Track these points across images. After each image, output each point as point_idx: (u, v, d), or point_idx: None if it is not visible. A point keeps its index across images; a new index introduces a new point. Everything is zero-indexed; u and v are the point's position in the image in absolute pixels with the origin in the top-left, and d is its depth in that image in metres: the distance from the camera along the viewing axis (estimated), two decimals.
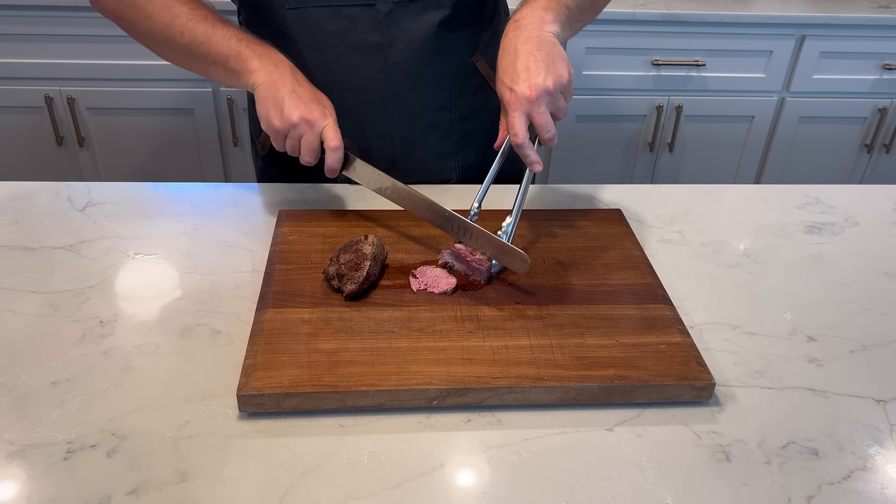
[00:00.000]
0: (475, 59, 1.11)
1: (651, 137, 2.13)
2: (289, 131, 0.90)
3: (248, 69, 0.92)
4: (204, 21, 0.94)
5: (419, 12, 1.03)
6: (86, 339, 0.79)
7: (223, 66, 0.94)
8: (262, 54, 0.93)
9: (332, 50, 1.04)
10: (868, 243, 1.02)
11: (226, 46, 0.93)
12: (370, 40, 1.03)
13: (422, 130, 1.12)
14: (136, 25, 0.97)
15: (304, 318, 0.79)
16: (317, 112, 0.89)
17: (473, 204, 0.89)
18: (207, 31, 0.93)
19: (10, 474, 0.64)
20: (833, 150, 2.20)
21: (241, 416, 0.70)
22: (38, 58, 1.93)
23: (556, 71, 0.82)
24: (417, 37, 1.04)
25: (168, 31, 0.95)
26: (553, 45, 0.85)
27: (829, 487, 0.66)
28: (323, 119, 0.89)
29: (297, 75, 0.92)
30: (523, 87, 0.82)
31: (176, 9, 0.94)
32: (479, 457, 0.67)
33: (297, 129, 0.89)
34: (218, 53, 0.93)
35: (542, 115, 0.82)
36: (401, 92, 1.07)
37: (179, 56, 0.98)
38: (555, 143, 0.85)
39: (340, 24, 1.02)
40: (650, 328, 0.79)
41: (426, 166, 1.14)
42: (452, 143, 1.14)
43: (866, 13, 1.98)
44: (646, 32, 1.97)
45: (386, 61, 1.05)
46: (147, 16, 0.95)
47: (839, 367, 0.79)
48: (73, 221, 0.99)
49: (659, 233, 1.02)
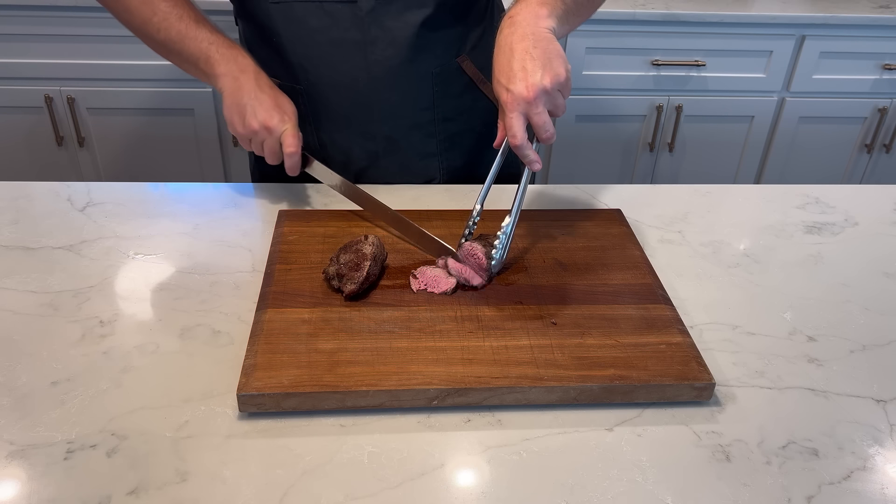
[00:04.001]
0: (461, 59, 1.10)
1: (651, 137, 2.13)
2: (251, 137, 0.96)
3: (215, 73, 0.97)
4: (179, 20, 0.97)
5: (401, 11, 1.02)
6: (86, 339, 0.79)
7: (194, 66, 0.99)
8: (230, 58, 0.97)
9: (315, 46, 1.04)
10: (868, 243, 1.02)
11: (196, 48, 0.97)
12: (351, 38, 1.03)
13: (404, 130, 1.11)
14: (119, 16, 1.02)
15: (304, 318, 0.79)
16: (276, 119, 0.95)
17: (476, 205, 0.89)
18: (181, 31, 0.97)
19: (10, 474, 0.64)
20: (833, 150, 2.20)
21: (241, 416, 0.70)
22: (38, 58, 1.93)
23: (553, 69, 0.80)
24: (399, 35, 1.03)
25: (145, 27, 0.99)
26: (549, 42, 0.82)
27: (829, 487, 0.66)
28: (281, 125, 0.95)
29: (260, 80, 0.97)
30: (520, 87, 0.80)
31: (155, 4, 0.98)
32: (479, 457, 0.67)
33: (257, 135, 0.96)
34: (189, 54, 0.98)
35: (540, 115, 0.81)
36: (383, 91, 1.07)
37: (158, 50, 1.02)
38: (553, 140, 0.84)
39: (323, 21, 1.02)
40: (650, 328, 0.79)
41: (409, 165, 1.14)
42: (436, 144, 1.14)
43: (866, 13, 1.98)
44: (646, 32, 1.97)
45: (367, 59, 1.04)
46: (126, 8, 1.00)
47: (839, 367, 0.79)
48: (73, 221, 0.99)
49: (659, 233, 1.02)
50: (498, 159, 0.88)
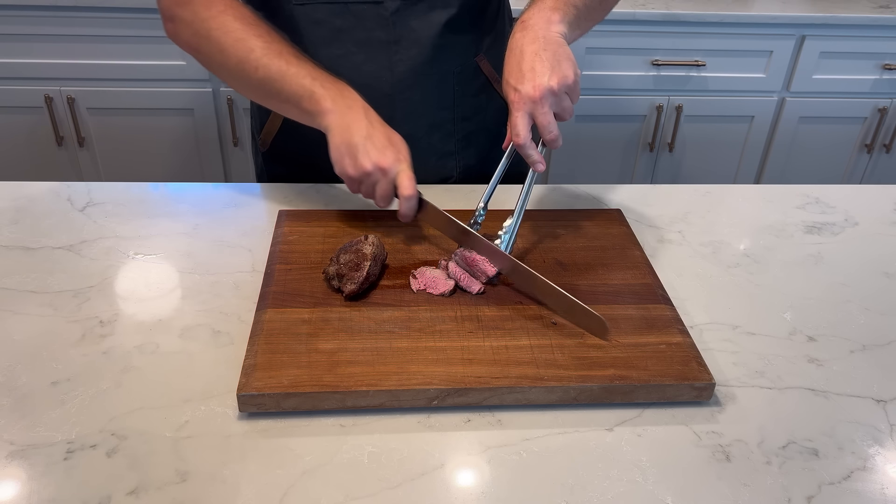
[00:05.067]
0: (479, 59, 1.11)
1: (651, 137, 2.13)
2: (363, 179, 0.88)
3: (320, 110, 0.89)
4: (278, 57, 0.91)
5: (426, 11, 1.03)
6: (86, 339, 0.79)
7: (296, 105, 0.91)
8: (336, 95, 0.89)
9: (339, 46, 1.04)
10: (868, 243, 1.02)
11: (299, 86, 0.90)
12: (376, 38, 1.03)
13: (425, 129, 1.12)
14: (211, 58, 0.95)
15: (304, 318, 0.79)
16: (390, 158, 0.87)
17: (479, 205, 0.89)
18: (282, 68, 0.90)
19: (10, 474, 0.64)
20: (833, 150, 2.20)
21: (241, 416, 0.70)
22: (38, 58, 1.93)
23: (561, 71, 0.82)
24: (423, 35, 1.04)
25: (242, 67, 0.92)
26: (559, 46, 0.85)
27: (829, 487, 0.66)
28: (397, 165, 0.87)
29: (370, 117, 0.89)
30: (527, 87, 0.82)
31: (251, 42, 0.91)
32: (479, 457, 0.67)
33: (370, 177, 0.87)
34: (291, 92, 0.91)
35: (545, 116, 0.82)
36: (405, 90, 1.07)
37: (254, 92, 0.96)
38: (559, 144, 0.84)
39: (347, 21, 1.02)
40: (650, 328, 0.79)
41: (427, 164, 1.14)
42: (454, 143, 1.15)
43: (866, 13, 1.98)
44: (646, 32, 1.97)
45: (391, 59, 1.05)
46: (221, 49, 0.92)
47: (839, 367, 0.79)
48: (73, 221, 0.99)
49: (659, 233, 1.02)
50: (504, 161, 0.89)
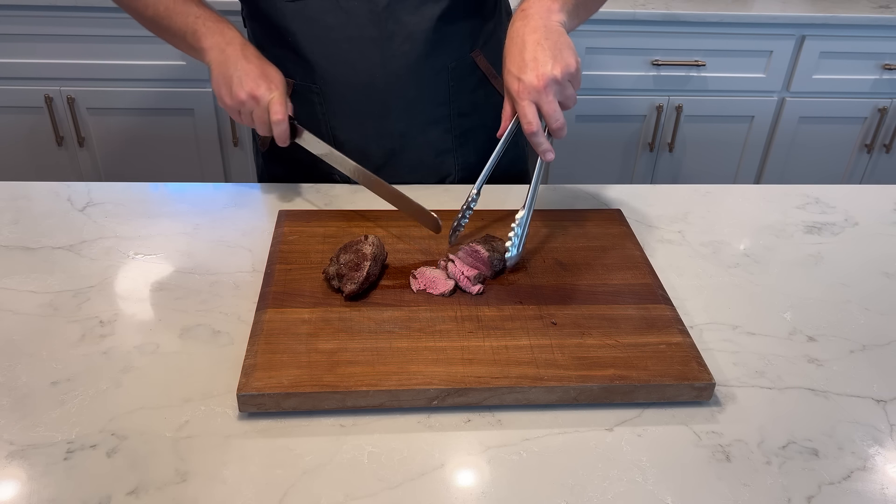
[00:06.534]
0: (475, 54, 1.11)
1: (651, 137, 2.13)
2: (239, 108, 0.96)
3: (202, 47, 0.98)
4: None
5: (417, 6, 1.03)
6: (86, 339, 0.79)
7: (182, 40, 1.00)
8: (216, 31, 0.98)
9: (331, 44, 1.04)
10: (868, 243, 1.02)
11: (183, 22, 0.99)
12: (368, 34, 1.03)
13: (420, 126, 1.12)
14: None
15: (304, 318, 0.79)
16: (262, 88, 0.94)
17: (472, 191, 0.90)
18: (168, 6, 0.99)
19: (10, 474, 0.64)
20: (833, 150, 2.20)
21: (241, 416, 0.70)
22: (38, 58, 1.93)
23: (563, 59, 0.83)
24: (416, 30, 1.04)
25: (134, 4, 1.01)
26: (560, 35, 0.85)
27: (829, 487, 0.66)
28: (268, 94, 0.95)
29: (247, 51, 0.97)
30: (531, 77, 0.82)
31: None
32: (479, 457, 0.67)
33: (245, 105, 0.95)
34: (177, 28, 0.99)
35: (551, 104, 0.83)
36: (399, 87, 1.07)
37: (148, 27, 1.04)
38: (564, 133, 0.85)
39: (339, 18, 1.02)
40: (650, 328, 0.79)
41: (425, 162, 1.14)
42: (451, 140, 1.14)
43: (866, 13, 1.98)
44: (646, 32, 1.97)
45: (384, 55, 1.04)
46: None
47: (839, 367, 0.79)
48: (73, 221, 0.99)
49: (659, 233, 1.02)
50: (498, 148, 0.89)
